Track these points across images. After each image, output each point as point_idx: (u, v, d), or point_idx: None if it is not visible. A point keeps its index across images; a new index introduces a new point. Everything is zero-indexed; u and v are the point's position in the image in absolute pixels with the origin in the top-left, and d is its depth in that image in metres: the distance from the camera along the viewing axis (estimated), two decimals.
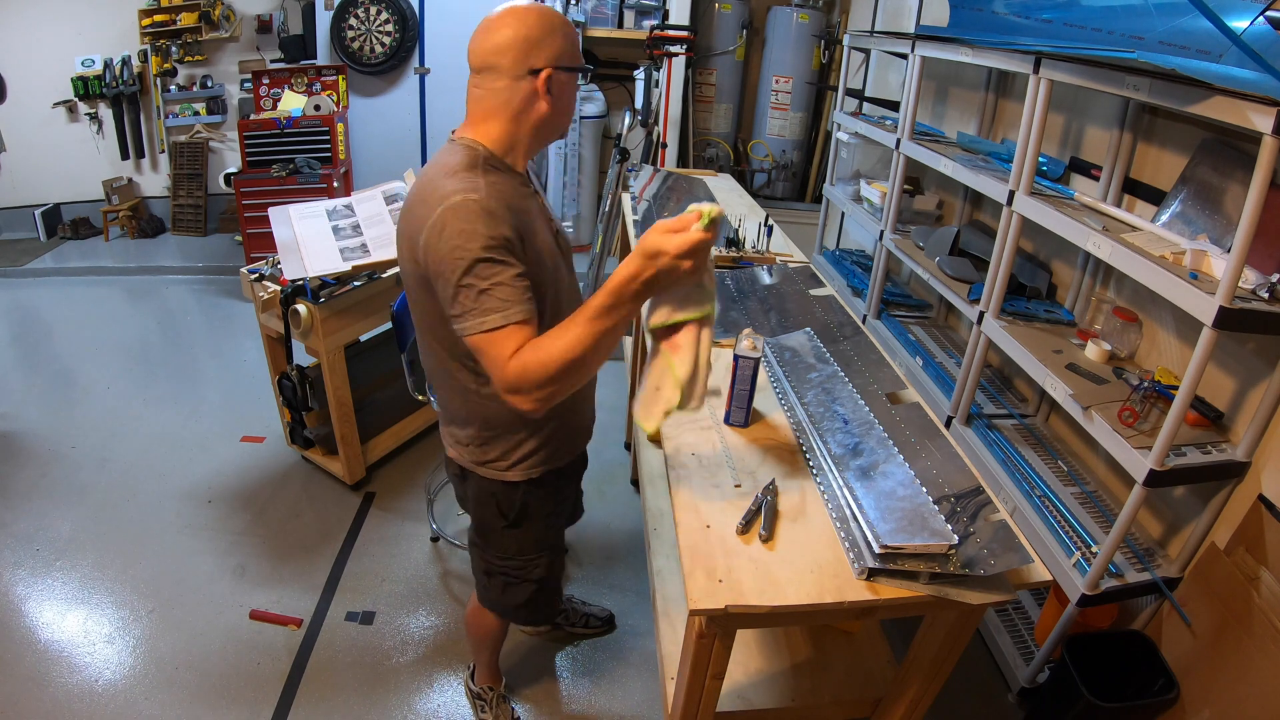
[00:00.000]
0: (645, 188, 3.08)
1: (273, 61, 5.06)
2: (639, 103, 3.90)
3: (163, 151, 5.33)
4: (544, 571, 1.59)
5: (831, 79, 4.84)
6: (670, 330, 1.13)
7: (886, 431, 1.42)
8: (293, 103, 4.50)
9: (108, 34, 4.96)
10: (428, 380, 1.45)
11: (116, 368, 3.67)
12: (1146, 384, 1.76)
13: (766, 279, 2.19)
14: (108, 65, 4.99)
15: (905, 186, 2.92)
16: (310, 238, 2.40)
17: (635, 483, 2.80)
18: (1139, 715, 1.76)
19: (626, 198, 3.07)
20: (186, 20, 4.90)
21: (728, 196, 3.21)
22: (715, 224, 0.99)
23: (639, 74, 4.01)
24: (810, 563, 1.15)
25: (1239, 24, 1.42)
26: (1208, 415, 1.75)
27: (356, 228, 2.56)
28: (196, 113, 5.24)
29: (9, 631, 2.13)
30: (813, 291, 2.10)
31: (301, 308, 2.41)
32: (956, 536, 1.14)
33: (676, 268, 1.01)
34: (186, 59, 5.02)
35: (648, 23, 4.53)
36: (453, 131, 1.29)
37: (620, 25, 4.69)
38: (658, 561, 1.96)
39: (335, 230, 2.52)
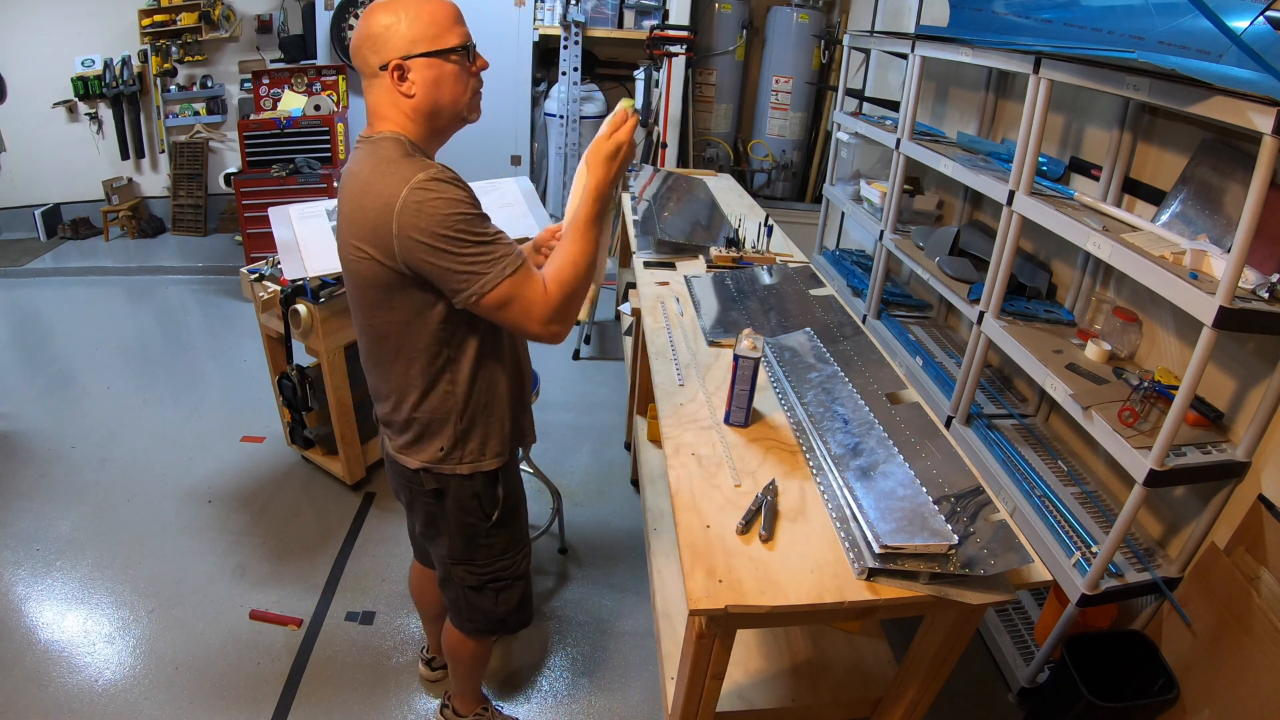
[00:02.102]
0: (645, 187, 3.08)
1: (273, 61, 5.06)
2: (639, 103, 3.90)
3: (163, 151, 5.33)
4: (528, 563, 1.59)
5: (831, 79, 4.84)
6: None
7: (886, 431, 1.42)
8: (293, 103, 4.50)
9: (108, 34, 4.96)
10: (384, 404, 1.37)
11: (116, 368, 3.67)
12: (1146, 384, 1.76)
13: (766, 279, 2.19)
14: (108, 65, 4.99)
15: (905, 186, 2.92)
16: (310, 238, 2.39)
17: (635, 483, 2.80)
18: (1139, 715, 1.76)
19: (626, 198, 3.08)
20: (186, 20, 4.90)
21: (727, 197, 3.22)
22: (636, 111, 1.29)
23: (639, 74, 4.02)
24: (810, 563, 1.15)
25: (1239, 24, 1.42)
26: (1208, 415, 1.75)
27: None
28: (196, 113, 5.24)
29: (9, 631, 2.13)
30: (813, 291, 2.10)
31: (301, 308, 2.41)
32: (956, 536, 1.14)
33: (631, 154, 1.25)
34: (186, 59, 5.02)
35: (648, 22, 4.53)
36: (359, 136, 1.24)
37: (620, 25, 4.69)
38: (658, 561, 1.96)
39: (335, 230, 2.51)
